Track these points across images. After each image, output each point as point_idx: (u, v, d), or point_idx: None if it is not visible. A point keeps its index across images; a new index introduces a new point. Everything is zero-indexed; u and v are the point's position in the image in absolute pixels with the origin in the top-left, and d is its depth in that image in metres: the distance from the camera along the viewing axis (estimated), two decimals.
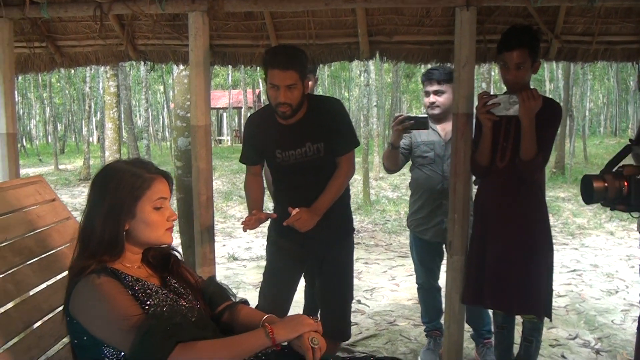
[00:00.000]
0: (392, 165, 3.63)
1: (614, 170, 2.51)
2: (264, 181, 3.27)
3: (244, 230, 2.87)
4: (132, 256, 1.89)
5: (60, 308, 1.77)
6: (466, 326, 3.47)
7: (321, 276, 3.23)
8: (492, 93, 2.86)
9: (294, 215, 2.85)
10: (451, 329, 3.12)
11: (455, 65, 3.02)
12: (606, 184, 2.40)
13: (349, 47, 3.59)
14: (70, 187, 14.93)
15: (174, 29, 3.59)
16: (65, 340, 1.92)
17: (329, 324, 3.20)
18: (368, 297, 5.36)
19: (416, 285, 3.99)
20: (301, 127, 2.92)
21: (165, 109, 34.05)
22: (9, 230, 2.16)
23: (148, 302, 1.75)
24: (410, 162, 3.81)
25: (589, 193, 2.42)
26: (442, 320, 3.82)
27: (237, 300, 2.08)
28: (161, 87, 34.24)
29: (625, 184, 2.38)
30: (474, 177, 3.18)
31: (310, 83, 3.54)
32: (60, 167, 20.99)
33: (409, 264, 6.49)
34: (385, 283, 5.84)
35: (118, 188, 1.81)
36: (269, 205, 4.12)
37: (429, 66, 3.73)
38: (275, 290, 3.16)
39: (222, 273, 6.07)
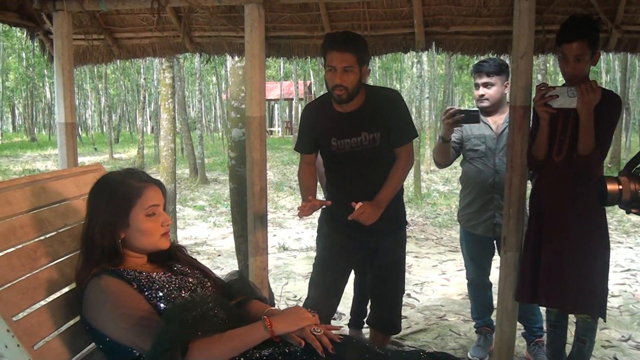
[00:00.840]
0: (442, 160, 3.60)
1: (628, 174, 2.36)
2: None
3: (300, 217, 2.91)
4: (135, 260, 1.98)
5: None
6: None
7: (373, 268, 3.23)
8: (548, 85, 2.80)
9: (357, 209, 2.88)
10: (503, 327, 3.08)
11: (513, 56, 2.97)
12: (621, 187, 2.29)
13: (404, 38, 3.57)
14: None
15: (230, 21, 3.62)
16: None
17: (379, 316, 3.24)
18: (418, 291, 5.34)
19: (466, 281, 3.95)
20: (358, 116, 2.93)
21: (218, 100, 34.49)
22: (68, 216, 2.24)
23: (155, 288, 1.83)
24: (461, 156, 3.78)
25: (603, 195, 2.31)
26: (492, 317, 3.78)
27: (256, 296, 2.13)
28: (214, 79, 34.68)
29: None
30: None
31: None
32: (115, 156, 21.56)
33: (460, 259, 6.43)
34: (435, 277, 5.81)
35: (111, 200, 1.91)
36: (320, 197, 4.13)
37: (487, 57, 3.68)
38: (326, 282, 3.18)
39: (273, 263, 6.13)
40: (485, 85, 3.54)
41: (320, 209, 3.18)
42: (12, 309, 1.77)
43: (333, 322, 4.33)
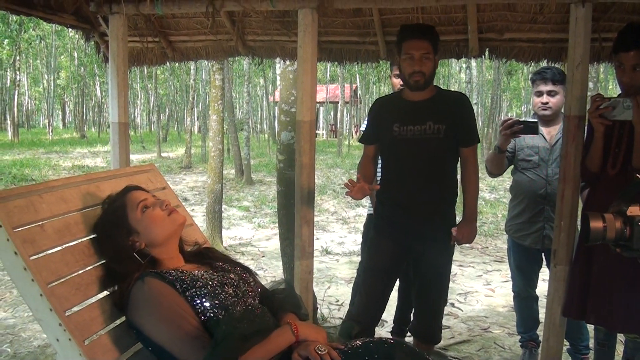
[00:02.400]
0: (495, 169, 3.56)
1: (617, 210, 2.18)
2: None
3: (347, 194, 2.92)
4: (173, 261, 2.03)
5: None
6: None
7: (418, 276, 3.24)
8: (603, 96, 2.72)
9: (457, 234, 3.03)
10: (550, 342, 3.00)
11: (568, 64, 2.89)
12: (605, 225, 2.12)
13: (458, 44, 3.54)
14: (172, 174, 15.59)
15: (283, 25, 3.65)
16: None
17: (422, 325, 3.24)
18: (462, 300, 5.28)
19: (512, 293, 3.88)
20: (426, 106, 2.98)
21: (265, 102, 34.76)
22: None
23: (199, 286, 1.86)
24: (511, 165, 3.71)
25: (586, 233, 2.15)
26: (538, 331, 3.70)
27: (298, 313, 2.13)
28: (261, 81, 34.99)
29: (627, 226, 2.09)
30: None
31: None
32: (163, 154, 21.94)
33: (505, 269, 6.35)
34: (480, 287, 5.73)
35: (108, 234, 2.01)
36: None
37: (541, 64, 3.62)
38: (372, 289, 3.17)
39: (315, 266, 6.09)
40: (550, 93, 3.47)
41: (367, 213, 3.20)
42: (64, 303, 1.82)
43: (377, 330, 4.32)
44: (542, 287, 3.42)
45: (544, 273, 3.18)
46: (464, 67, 20.48)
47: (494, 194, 12.53)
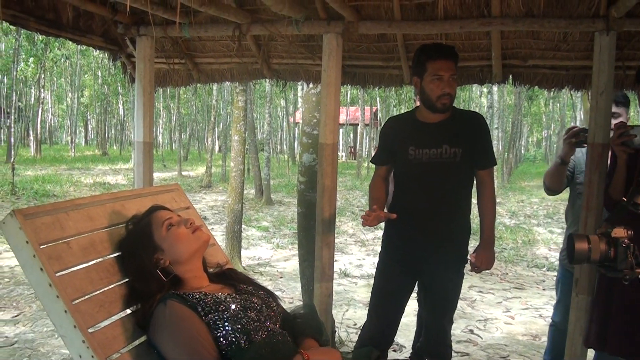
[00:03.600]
0: (555, 184, 3.39)
1: (603, 232, 2.22)
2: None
3: (363, 225, 2.89)
4: (198, 281, 2.04)
5: None
6: None
7: (428, 299, 3.25)
8: (620, 122, 2.70)
9: (475, 260, 3.02)
10: None
11: (592, 92, 2.90)
12: (590, 246, 2.15)
13: (481, 70, 3.55)
14: (192, 193, 15.68)
15: (308, 49, 3.70)
16: None
17: (430, 344, 3.27)
18: (481, 327, 5.22)
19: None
20: (441, 129, 2.94)
21: (285, 123, 34.95)
22: None
23: (222, 309, 1.86)
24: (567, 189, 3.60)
25: (571, 254, 2.18)
26: None
27: (320, 339, 2.12)
28: (282, 102, 35.24)
29: (612, 248, 2.13)
30: None
31: None
32: (184, 173, 22.11)
33: (525, 297, 6.29)
34: (499, 315, 5.66)
35: (133, 252, 2.03)
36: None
37: (564, 91, 3.60)
38: (384, 311, 3.16)
39: (334, 289, 6.12)
40: (613, 115, 3.44)
41: (384, 235, 3.19)
42: (88, 320, 1.83)
43: (391, 354, 4.28)
44: None
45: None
46: (485, 92, 20.42)
47: (514, 219, 12.43)
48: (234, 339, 1.81)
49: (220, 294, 1.97)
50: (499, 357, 4.49)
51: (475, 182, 3.08)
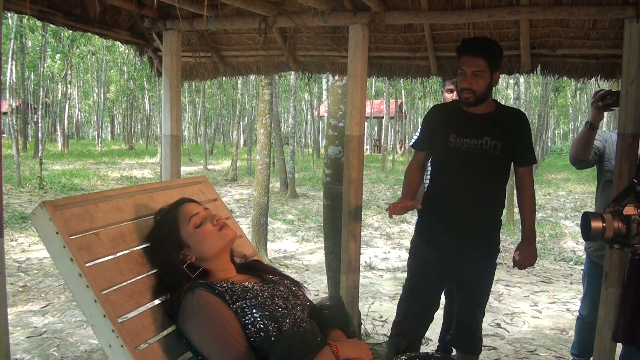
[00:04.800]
0: (582, 153, 3.30)
1: (614, 209, 2.33)
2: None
3: (390, 215, 2.90)
4: (225, 272, 2.05)
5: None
6: None
7: (460, 291, 3.25)
8: None
9: (519, 258, 3.04)
10: None
11: (622, 81, 2.83)
12: (604, 224, 2.26)
13: (510, 60, 3.49)
14: (218, 187, 15.77)
15: (334, 41, 3.68)
16: None
17: (462, 337, 3.26)
18: (508, 321, 5.17)
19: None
20: (484, 120, 2.95)
21: (309, 116, 34.95)
22: None
23: (249, 297, 1.88)
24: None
25: (587, 232, 2.30)
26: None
27: (347, 330, 2.12)
28: (307, 95, 35.24)
29: (624, 224, 2.25)
30: None
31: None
32: (209, 167, 22.24)
33: (552, 290, 6.22)
34: (526, 308, 5.61)
35: (160, 244, 2.05)
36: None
37: (594, 81, 3.53)
38: (417, 305, 3.15)
39: (359, 281, 6.12)
40: None
41: (417, 227, 3.18)
42: (118, 310, 1.85)
43: (421, 348, 4.27)
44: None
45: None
46: (511, 83, 20.18)
47: (541, 212, 12.28)
48: (262, 326, 1.82)
49: (247, 283, 1.99)
50: (526, 351, 4.45)
51: (515, 179, 3.09)
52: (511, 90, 20.59)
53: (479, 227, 3.01)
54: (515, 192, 3.12)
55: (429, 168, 3.40)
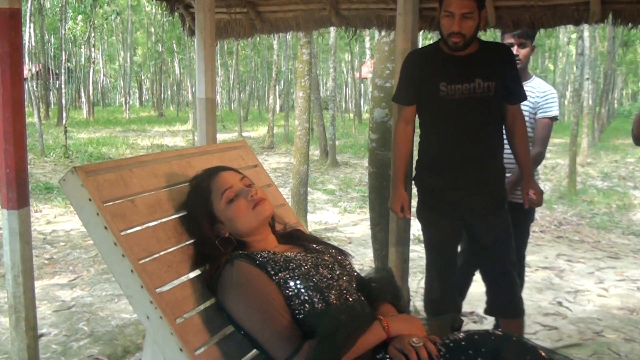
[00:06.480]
0: None
1: None
2: None
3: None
4: (265, 243, 2.07)
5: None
6: None
7: (477, 250, 3.21)
8: None
9: (532, 195, 3.08)
10: None
11: None
12: None
13: (577, 9, 3.39)
14: None
15: None
16: None
17: (497, 301, 3.18)
18: (571, 300, 5.11)
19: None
20: (472, 61, 2.90)
21: (350, 79, 34.72)
22: None
23: (292, 268, 1.88)
24: None
25: None
26: None
27: (396, 304, 2.11)
28: (346, 55, 34.95)
29: None
30: None
31: (525, 50, 3.44)
32: (244, 134, 22.36)
33: (620, 267, 6.11)
34: (591, 286, 5.53)
35: (192, 215, 2.08)
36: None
37: None
38: (440, 266, 3.16)
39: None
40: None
41: (417, 190, 3.21)
42: (156, 280, 1.88)
43: (471, 325, 4.26)
44: None
45: None
46: (573, 38, 19.67)
47: (607, 181, 12.05)
48: (306, 297, 1.83)
49: (289, 253, 2.00)
50: (591, 332, 4.39)
51: (506, 119, 3.05)
52: (573, 46, 20.08)
53: (483, 177, 3.00)
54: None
55: None
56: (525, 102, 3.23)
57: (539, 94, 3.52)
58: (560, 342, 4.13)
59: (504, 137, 3.10)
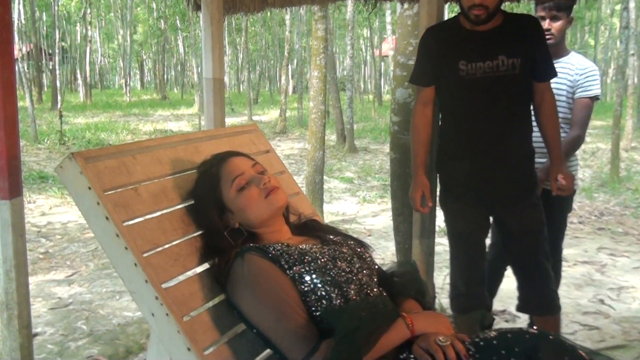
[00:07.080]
0: None
1: None
2: None
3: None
4: (279, 234, 2.07)
5: None
6: None
7: (508, 242, 3.18)
8: None
9: (559, 184, 3.00)
10: None
11: None
12: None
13: None
14: None
15: None
16: None
17: (529, 296, 3.16)
18: (614, 297, 5.09)
19: None
20: (494, 37, 2.87)
21: (369, 57, 34.57)
22: None
23: (307, 261, 1.89)
24: None
25: None
26: None
27: (421, 300, 2.11)
28: (365, 32, 34.78)
29: None
30: None
31: (559, 24, 3.42)
32: (254, 118, 22.34)
33: None
34: (636, 282, 5.50)
35: (200, 204, 2.10)
36: None
37: None
38: (466, 258, 3.16)
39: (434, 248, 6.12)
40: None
41: (438, 177, 3.22)
42: (162, 275, 1.89)
43: (503, 324, 4.26)
44: None
45: None
46: (617, 10, 19.44)
47: None
48: (323, 293, 1.83)
49: (304, 245, 2.00)
50: (636, 332, 4.37)
51: (534, 98, 3.02)
52: (617, 18, 19.84)
53: (511, 162, 2.99)
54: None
55: None
56: (562, 81, 3.21)
57: (578, 72, 3.49)
58: (603, 343, 4.12)
59: (532, 117, 3.08)
